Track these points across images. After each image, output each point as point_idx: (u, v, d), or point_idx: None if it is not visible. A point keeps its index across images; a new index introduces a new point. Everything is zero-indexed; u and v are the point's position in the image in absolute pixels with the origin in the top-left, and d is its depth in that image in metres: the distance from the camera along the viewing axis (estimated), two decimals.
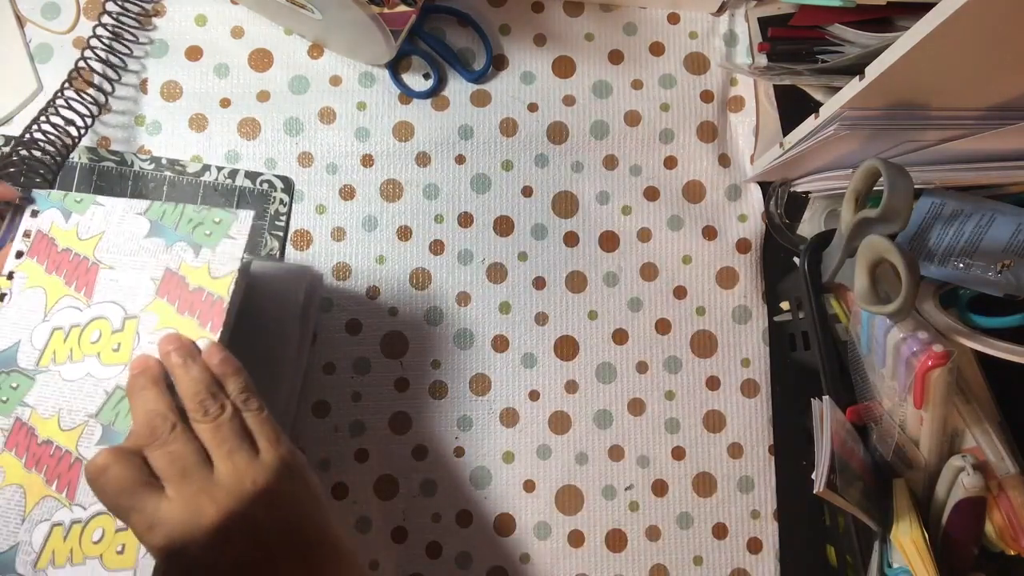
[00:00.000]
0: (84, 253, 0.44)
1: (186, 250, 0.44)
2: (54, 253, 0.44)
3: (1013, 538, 0.47)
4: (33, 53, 0.57)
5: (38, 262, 0.43)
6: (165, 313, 0.42)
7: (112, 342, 0.42)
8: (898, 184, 0.42)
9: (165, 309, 0.42)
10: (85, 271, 0.43)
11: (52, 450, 0.40)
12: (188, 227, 0.44)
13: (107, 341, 0.42)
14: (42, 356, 0.42)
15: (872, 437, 0.50)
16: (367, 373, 0.56)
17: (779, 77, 0.58)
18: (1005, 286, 0.49)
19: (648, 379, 0.58)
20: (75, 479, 0.40)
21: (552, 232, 0.58)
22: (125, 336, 0.42)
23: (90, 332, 0.42)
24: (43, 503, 0.40)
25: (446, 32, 0.59)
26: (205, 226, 0.44)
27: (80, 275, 0.43)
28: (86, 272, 0.43)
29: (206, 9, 0.58)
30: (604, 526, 0.56)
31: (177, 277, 0.43)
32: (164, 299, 0.43)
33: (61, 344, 0.42)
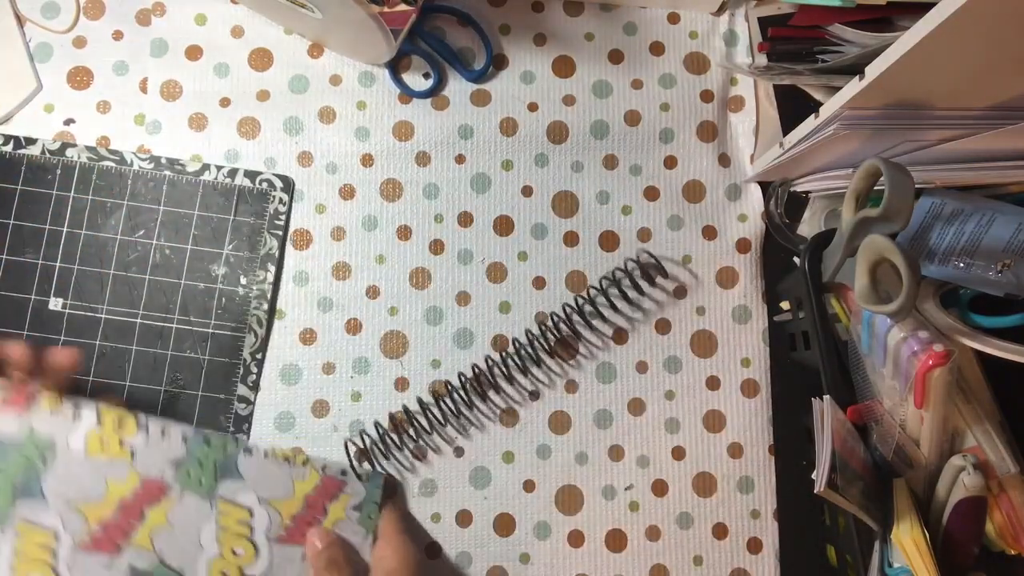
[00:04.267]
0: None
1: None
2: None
3: (1013, 538, 0.47)
4: (33, 53, 0.57)
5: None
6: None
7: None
8: (899, 183, 0.42)
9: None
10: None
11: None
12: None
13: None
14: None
15: (872, 437, 0.50)
16: (367, 373, 0.56)
17: (779, 77, 0.58)
18: (1005, 286, 0.49)
19: (648, 379, 0.57)
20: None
21: (552, 232, 0.58)
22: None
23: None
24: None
25: (446, 32, 0.59)
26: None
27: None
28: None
29: (206, 9, 0.58)
30: (604, 526, 0.56)
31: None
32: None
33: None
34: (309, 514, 0.46)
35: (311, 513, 0.46)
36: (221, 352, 0.55)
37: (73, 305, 0.54)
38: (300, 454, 0.47)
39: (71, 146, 0.56)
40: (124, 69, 0.58)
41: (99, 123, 0.57)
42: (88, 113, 0.57)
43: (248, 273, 0.56)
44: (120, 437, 0.45)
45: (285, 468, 0.47)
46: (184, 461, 0.45)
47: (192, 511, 0.45)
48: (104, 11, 0.58)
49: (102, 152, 0.56)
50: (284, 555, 0.45)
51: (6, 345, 0.45)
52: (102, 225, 0.55)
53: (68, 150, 0.56)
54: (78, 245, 0.55)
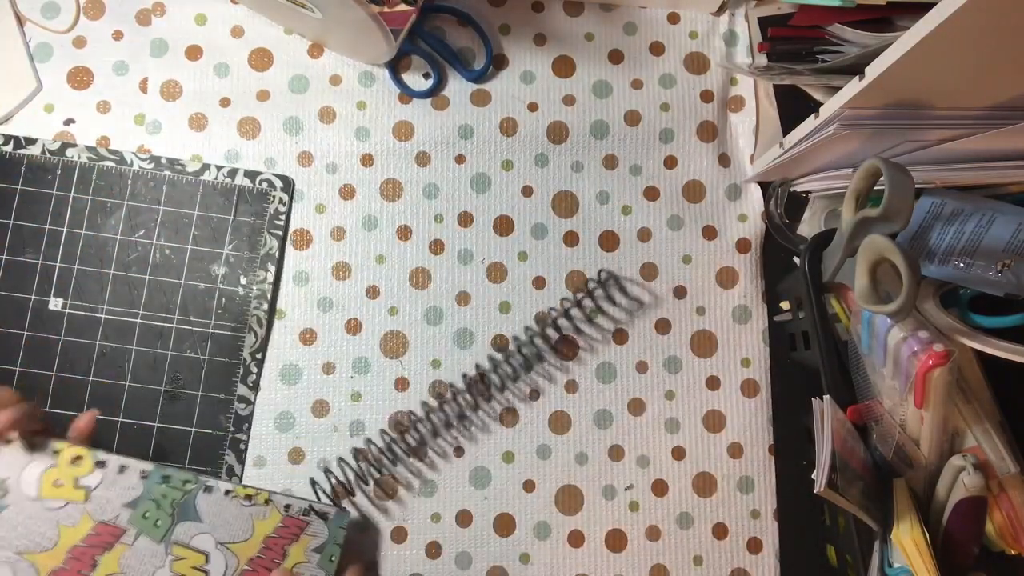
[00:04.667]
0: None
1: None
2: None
3: (1013, 538, 0.47)
4: (33, 52, 0.57)
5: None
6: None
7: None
8: (899, 183, 0.42)
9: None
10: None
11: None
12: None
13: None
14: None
15: (872, 437, 0.50)
16: (367, 373, 0.56)
17: (779, 77, 0.58)
18: (1005, 286, 0.49)
19: (648, 379, 0.57)
20: None
21: (552, 232, 0.58)
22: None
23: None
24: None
25: (446, 32, 0.59)
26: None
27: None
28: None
29: (206, 9, 0.58)
30: (604, 526, 0.56)
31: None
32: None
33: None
34: (268, 556, 0.44)
35: (270, 556, 0.44)
36: (221, 352, 0.55)
37: (73, 305, 0.54)
38: (262, 493, 0.45)
39: (71, 146, 0.56)
40: (124, 69, 0.58)
41: (99, 123, 0.57)
42: (88, 113, 0.57)
43: (248, 273, 0.56)
44: (75, 476, 0.43)
45: (245, 508, 0.45)
46: (140, 501, 0.44)
47: (146, 557, 0.43)
48: (104, 11, 0.58)
49: (102, 152, 0.56)
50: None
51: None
52: (102, 225, 0.55)
53: (68, 150, 0.56)
54: (78, 245, 0.55)
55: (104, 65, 0.57)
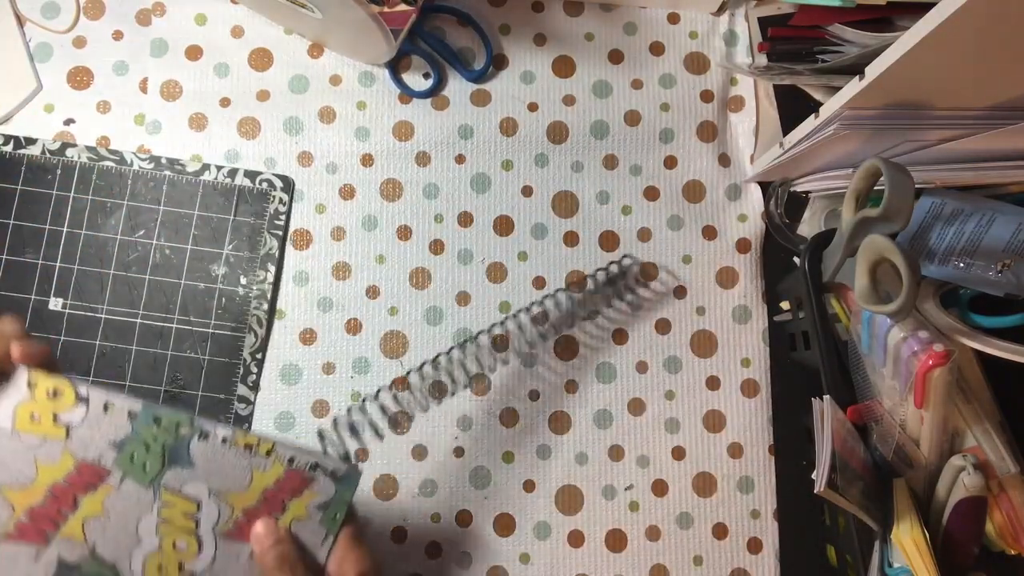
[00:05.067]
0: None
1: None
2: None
3: (1014, 538, 0.47)
4: (33, 53, 0.57)
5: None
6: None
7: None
8: (899, 183, 0.42)
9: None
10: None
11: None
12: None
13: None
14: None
15: (872, 437, 0.50)
16: (367, 373, 0.56)
17: (779, 77, 0.58)
18: (1005, 286, 0.49)
19: (648, 379, 0.57)
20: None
21: (552, 232, 0.58)
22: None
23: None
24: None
25: (446, 32, 0.59)
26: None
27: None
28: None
29: (206, 9, 0.58)
30: (604, 526, 0.56)
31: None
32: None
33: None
34: (264, 509, 0.41)
35: (267, 508, 0.41)
36: (221, 352, 0.55)
37: (73, 305, 0.54)
38: (265, 443, 0.41)
39: (71, 146, 0.56)
40: (124, 69, 0.58)
41: (99, 123, 0.57)
42: (88, 113, 0.57)
43: (248, 273, 0.56)
44: (54, 411, 0.39)
45: (244, 458, 0.41)
46: (128, 442, 0.40)
47: (132, 500, 0.40)
48: (104, 11, 0.58)
49: (102, 152, 0.56)
50: (230, 551, 0.41)
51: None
52: (102, 225, 0.55)
53: (68, 150, 0.56)
54: (78, 245, 0.55)
55: (104, 65, 0.57)
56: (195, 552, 0.40)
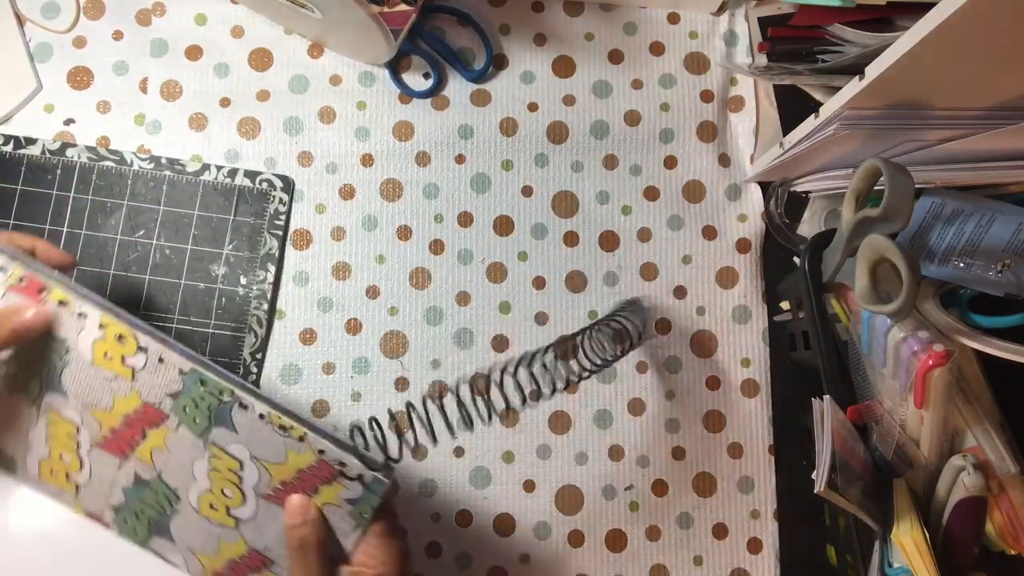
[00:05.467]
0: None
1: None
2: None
3: (1013, 538, 0.47)
4: (33, 53, 0.57)
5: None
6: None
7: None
8: (899, 183, 0.42)
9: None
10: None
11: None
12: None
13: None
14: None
15: (872, 437, 0.50)
16: (367, 373, 0.56)
17: (779, 77, 0.58)
18: (1005, 286, 0.49)
19: (648, 379, 0.57)
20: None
21: (552, 232, 0.58)
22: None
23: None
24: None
25: (446, 32, 0.59)
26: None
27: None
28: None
29: (206, 9, 0.58)
30: (604, 526, 0.56)
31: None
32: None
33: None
34: (299, 486, 0.43)
35: (301, 486, 0.43)
36: (221, 352, 0.55)
37: None
38: (296, 429, 0.42)
39: (71, 146, 0.56)
40: (124, 69, 0.58)
41: (99, 123, 0.57)
42: (88, 113, 0.57)
43: (248, 273, 0.56)
44: (122, 353, 0.43)
45: (279, 436, 0.43)
46: (182, 395, 0.43)
47: (187, 445, 0.44)
48: (104, 11, 0.58)
49: (102, 152, 0.56)
50: (270, 513, 0.44)
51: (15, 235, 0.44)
52: (102, 225, 0.55)
53: (68, 150, 0.56)
54: (78, 245, 0.55)
55: (104, 65, 0.57)
56: (240, 502, 0.44)
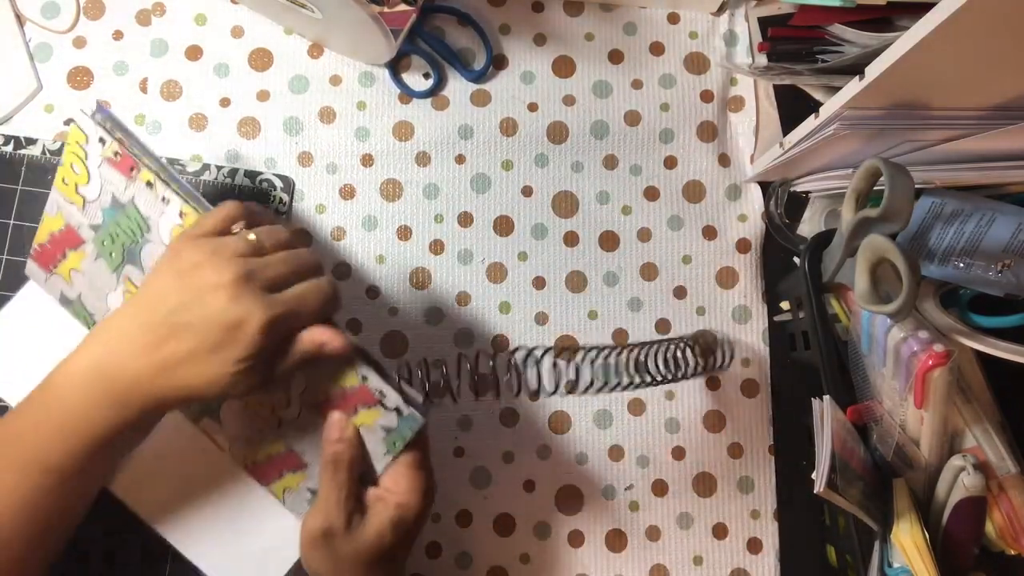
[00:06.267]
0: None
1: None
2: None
3: (1013, 538, 0.47)
4: (33, 53, 0.57)
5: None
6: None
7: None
8: (899, 183, 0.42)
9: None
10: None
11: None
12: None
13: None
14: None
15: (872, 437, 0.50)
16: None
17: (779, 77, 0.58)
18: (1005, 286, 0.49)
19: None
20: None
21: (552, 232, 0.58)
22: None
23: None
24: None
25: (446, 32, 0.59)
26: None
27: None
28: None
29: (206, 9, 0.58)
30: (604, 526, 0.56)
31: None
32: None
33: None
34: (342, 404, 0.44)
35: (344, 404, 0.44)
36: None
37: None
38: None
39: None
40: (124, 69, 0.58)
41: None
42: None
43: None
44: (76, 183, 0.46)
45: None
46: (101, 228, 0.46)
47: (102, 274, 0.47)
48: (104, 11, 0.58)
49: None
50: (311, 420, 0.45)
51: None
52: None
53: None
54: None
55: (104, 65, 0.57)
56: (286, 405, 0.46)
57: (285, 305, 0.38)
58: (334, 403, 0.44)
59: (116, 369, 0.38)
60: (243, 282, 0.37)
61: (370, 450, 0.44)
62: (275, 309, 0.38)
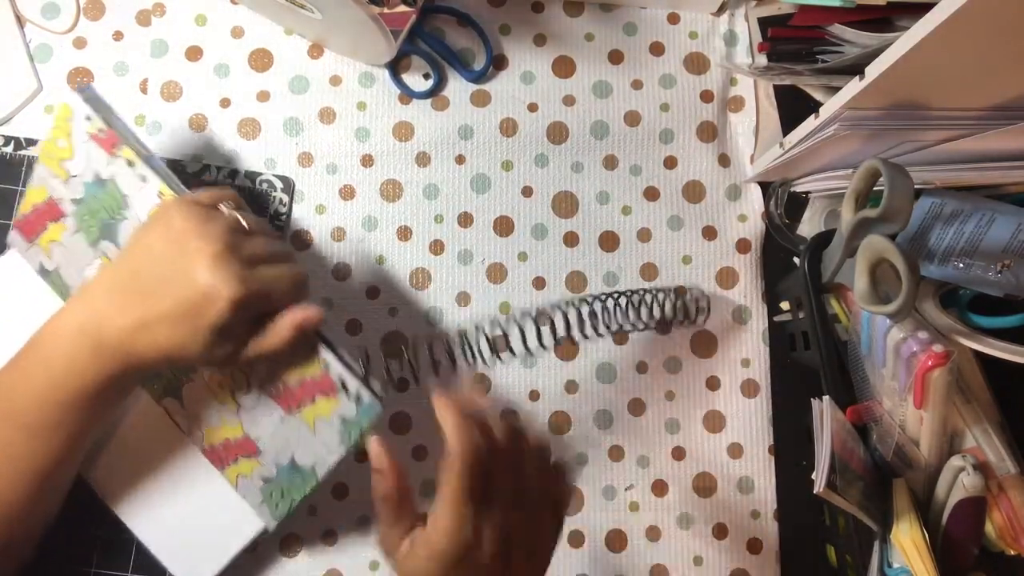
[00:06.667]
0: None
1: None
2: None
3: (1013, 538, 0.47)
4: (33, 53, 0.57)
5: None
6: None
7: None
8: (898, 184, 0.42)
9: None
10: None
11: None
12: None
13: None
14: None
15: (872, 437, 0.50)
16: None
17: (779, 77, 0.58)
18: (1005, 286, 0.49)
19: (648, 379, 0.57)
20: None
21: (552, 232, 0.58)
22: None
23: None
24: None
25: (446, 32, 0.59)
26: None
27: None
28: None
29: (206, 9, 0.58)
30: (604, 526, 0.56)
31: None
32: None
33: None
34: (300, 392, 0.45)
35: (302, 392, 0.45)
36: None
37: None
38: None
39: None
40: (124, 69, 0.58)
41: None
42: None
43: None
44: (60, 158, 0.47)
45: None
46: (81, 203, 0.47)
47: (80, 248, 0.48)
48: (104, 11, 0.58)
49: None
50: (267, 407, 0.46)
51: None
52: None
53: None
54: None
55: (104, 65, 0.58)
56: (245, 390, 0.47)
57: (260, 283, 0.40)
58: (294, 391, 0.45)
59: (100, 326, 0.39)
60: (226, 253, 0.39)
61: (322, 442, 0.46)
62: (249, 286, 0.39)
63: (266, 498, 0.49)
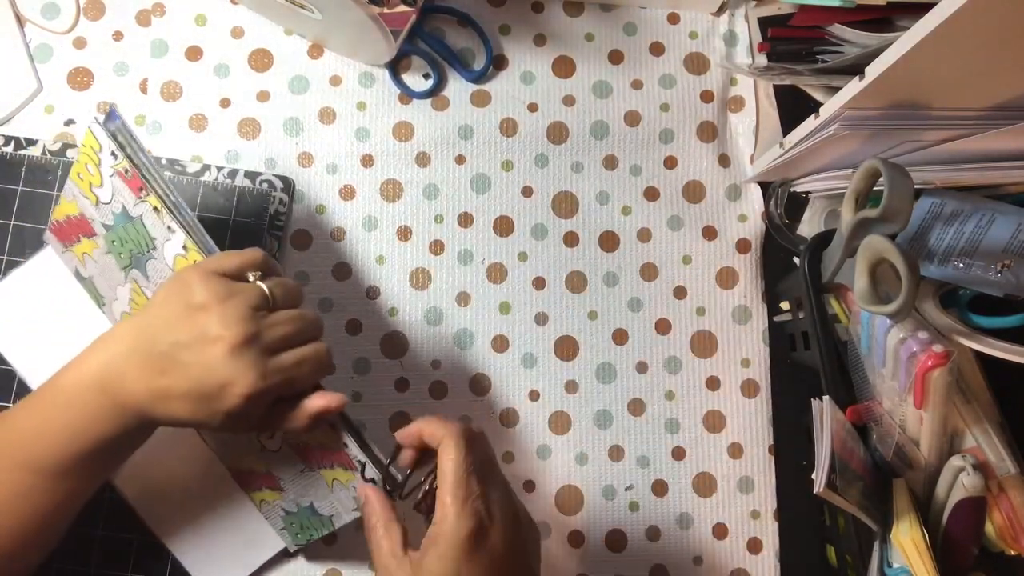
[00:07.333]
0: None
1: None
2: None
3: (1013, 538, 0.47)
4: (33, 53, 0.57)
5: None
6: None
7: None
8: (898, 184, 0.42)
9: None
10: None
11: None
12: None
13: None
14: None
15: (872, 437, 0.50)
16: (367, 373, 0.56)
17: (779, 77, 0.58)
18: (1005, 286, 0.49)
19: (648, 379, 0.58)
20: None
21: (552, 232, 0.58)
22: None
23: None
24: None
25: (446, 32, 0.59)
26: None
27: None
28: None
29: (206, 9, 0.58)
30: (604, 526, 0.56)
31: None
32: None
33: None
34: (322, 455, 0.46)
35: (324, 457, 0.46)
36: None
37: None
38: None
39: (71, 147, 0.56)
40: (124, 69, 0.58)
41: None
42: (88, 114, 0.57)
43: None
44: (91, 182, 0.47)
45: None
46: (111, 229, 0.47)
47: (112, 268, 0.48)
48: (104, 11, 0.58)
49: None
50: (289, 457, 0.48)
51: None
52: None
53: (69, 151, 0.56)
54: None
55: (104, 65, 0.57)
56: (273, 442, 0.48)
57: (280, 374, 0.39)
58: (315, 452, 0.46)
59: (117, 386, 0.39)
60: (245, 344, 0.38)
61: (339, 500, 0.47)
62: (267, 380, 0.38)
63: (287, 526, 0.50)
